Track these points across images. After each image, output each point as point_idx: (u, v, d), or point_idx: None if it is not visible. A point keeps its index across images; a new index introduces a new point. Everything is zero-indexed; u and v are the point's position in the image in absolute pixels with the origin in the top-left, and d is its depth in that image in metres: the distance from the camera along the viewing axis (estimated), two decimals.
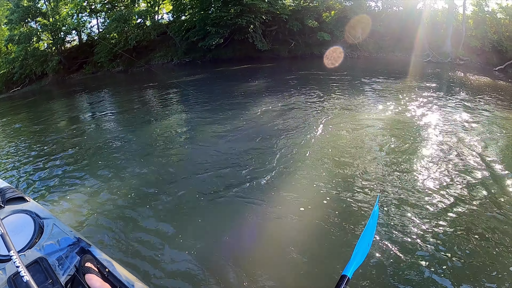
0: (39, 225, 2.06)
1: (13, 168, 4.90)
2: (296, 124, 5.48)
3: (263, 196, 3.19)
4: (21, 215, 2.16)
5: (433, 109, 6.19)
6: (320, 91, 8.17)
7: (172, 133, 5.79)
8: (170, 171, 3.99)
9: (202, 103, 8.05)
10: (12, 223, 2.08)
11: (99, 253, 1.84)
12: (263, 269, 2.26)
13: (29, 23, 18.86)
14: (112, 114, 8.71)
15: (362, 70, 12.65)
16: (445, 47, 15.08)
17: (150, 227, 2.86)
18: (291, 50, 15.56)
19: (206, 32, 16.06)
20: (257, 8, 15.57)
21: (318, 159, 4.00)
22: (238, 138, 4.93)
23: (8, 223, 2.08)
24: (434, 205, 2.89)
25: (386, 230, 2.57)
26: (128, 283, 1.62)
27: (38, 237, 1.96)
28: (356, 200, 3.04)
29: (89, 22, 19.30)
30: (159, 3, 17.82)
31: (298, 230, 2.65)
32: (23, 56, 18.56)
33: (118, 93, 12.60)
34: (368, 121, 5.48)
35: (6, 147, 6.32)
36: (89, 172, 4.24)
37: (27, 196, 2.43)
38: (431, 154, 4.06)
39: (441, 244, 2.42)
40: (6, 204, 2.29)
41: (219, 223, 2.81)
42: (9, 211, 2.20)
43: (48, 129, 7.48)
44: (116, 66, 17.82)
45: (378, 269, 2.19)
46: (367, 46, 15.48)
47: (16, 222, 2.09)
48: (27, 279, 1.06)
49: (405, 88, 8.44)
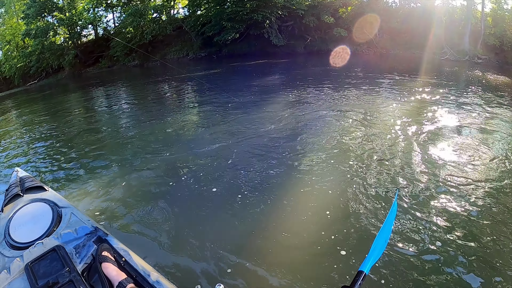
0: (57, 213, 2.08)
1: (32, 158, 5.00)
2: (313, 120, 5.46)
3: (280, 192, 3.18)
4: (40, 204, 2.19)
5: (451, 108, 6.07)
6: (336, 87, 8.14)
7: (188, 127, 5.79)
8: (186, 165, 3.99)
9: (217, 97, 8.06)
10: (31, 212, 2.12)
11: (116, 242, 1.84)
12: (280, 264, 2.26)
13: (46, 17, 19.10)
14: (128, 107, 8.81)
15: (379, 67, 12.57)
16: (463, 45, 14.92)
17: (167, 219, 2.87)
18: (307, 45, 15.56)
19: (222, 27, 16.12)
20: (273, 3, 15.56)
21: (334, 154, 3.99)
22: (254, 134, 4.89)
23: (27, 211, 2.13)
24: (453, 204, 2.83)
25: (403, 227, 2.54)
26: (144, 273, 1.62)
27: (56, 226, 1.99)
28: (374, 195, 3.01)
29: (105, 17, 19.56)
30: None
31: (313, 226, 2.62)
32: (39, 50, 18.83)
33: (133, 87, 12.72)
34: (386, 118, 5.45)
35: (25, 138, 6.45)
36: (106, 164, 4.30)
37: (45, 186, 2.47)
38: (450, 152, 3.99)
39: (461, 245, 2.35)
40: (25, 193, 2.33)
41: (236, 220, 2.79)
42: (28, 200, 2.24)
43: (64, 121, 7.60)
44: (132, 60, 18.00)
45: (395, 265, 2.17)
46: (384, 43, 15.40)
47: (34, 210, 2.13)
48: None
49: (422, 86, 8.30)
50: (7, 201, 2.28)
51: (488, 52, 14.49)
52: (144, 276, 1.60)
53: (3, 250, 1.86)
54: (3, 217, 2.12)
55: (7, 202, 2.26)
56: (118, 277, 1.54)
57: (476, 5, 15.87)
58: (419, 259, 2.22)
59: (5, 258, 1.80)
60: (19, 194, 2.33)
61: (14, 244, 1.88)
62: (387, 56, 15.05)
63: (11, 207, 2.21)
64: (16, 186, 2.43)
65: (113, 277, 1.55)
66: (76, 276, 1.57)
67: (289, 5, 15.82)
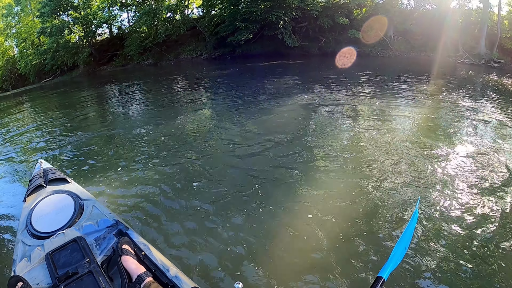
0: (79, 205, 2.10)
1: (53, 152, 5.17)
2: (328, 123, 5.41)
3: (294, 195, 3.17)
4: (62, 195, 2.21)
5: (469, 114, 5.97)
6: (350, 90, 8.11)
7: (203, 126, 5.84)
8: (202, 163, 4.06)
9: (230, 98, 8.10)
10: (53, 202, 2.15)
11: (137, 236, 1.85)
12: (298, 267, 2.26)
13: (61, 16, 19.36)
14: (142, 105, 8.98)
15: (393, 69, 12.52)
16: (479, 48, 14.78)
17: (187, 215, 2.93)
18: (321, 47, 15.55)
19: (236, 27, 16.18)
20: (287, 4, 15.56)
21: (352, 159, 3.92)
22: (267, 135, 4.86)
23: (49, 202, 2.16)
24: (476, 214, 2.77)
25: (424, 235, 2.52)
26: (163, 267, 1.62)
27: (78, 217, 2.01)
28: (394, 202, 2.98)
29: (119, 16, 19.73)
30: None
31: (333, 231, 2.61)
32: (54, 48, 19.10)
33: (147, 85, 12.87)
34: (401, 123, 5.36)
35: (44, 132, 6.70)
36: (127, 160, 4.39)
37: (68, 178, 2.50)
38: (471, 160, 3.82)
39: (480, 258, 2.30)
40: (48, 184, 2.37)
41: (254, 221, 2.81)
42: (50, 191, 2.28)
43: (81, 118, 7.78)
44: (146, 59, 18.18)
45: (413, 273, 2.17)
46: (398, 45, 15.33)
47: (57, 201, 2.16)
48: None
49: (438, 90, 8.21)
50: (30, 191, 2.32)
51: (504, 56, 14.34)
52: (163, 271, 1.60)
53: (24, 238, 1.89)
54: (25, 207, 2.17)
55: (30, 193, 2.31)
56: (137, 270, 1.55)
57: (492, 8, 15.68)
58: (439, 269, 2.21)
59: (26, 247, 1.82)
60: (42, 185, 2.36)
61: (36, 233, 1.91)
62: (401, 58, 14.97)
63: (34, 197, 2.25)
64: (40, 177, 2.48)
65: (132, 270, 1.56)
66: (95, 267, 1.58)
67: (303, 6, 15.81)
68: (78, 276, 1.54)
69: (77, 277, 1.53)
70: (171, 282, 1.54)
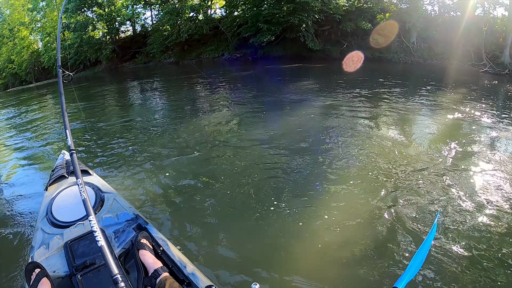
0: (100, 198, 2.11)
1: (78, 144, 5.26)
2: (346, 131, 5.34)
3: (311, 202, 3.19)
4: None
5: (492, 127, 5.87)
6: (370, 97, 8.09)
7: (222, 127, 5.94)
8: (222, 163, 4.13)
9: (250, 100, 8.14)
10: (74, 193, 2.16)
11: (156, 231, 1.85)
12: (313, 274, 2.27)
13: (85, 12, 19.81)
14: (163, 103, 9.21)
15: (415, 77, 12.51)
16: (503, 58, 14.66)
17: (205, 214, 2.98)
18: (343, 51, 15.60)
19: (258, 29, 16.31)
20: (310, 7, 15.60)
21: (370, 169, 3.88)
22: (286, 139, 4.93)
23: (70, 192, 2.19)
24: (496, 233, 2.69)
25: (441, 248, 2.51)
26: (180, 264, 1.62)
27: (98, 209, 2.02)
28: (413, 215, 2.96)
29: (143, 14, 20.08)
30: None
31: (348, 240, 2.62)
32: (78, 43, 19.58)
33: (169, 83, 13.08)
34: (421, 134, 5.28)
35: (72, 125, 6.81)
36: (148, 156, 4.48)
37: (91, 170, 2.52)
38: (494, 174, 3.79)
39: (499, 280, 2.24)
40: (70, 175, 2.39)
41: (271, 225, 2.82)
42: (72, 182, 2.30)
43: (104, 112, 8.03)
44: (168, 57, 18.51)
45: (427, 285, 2.17)
46: (421, 52, 15.31)
47: (77, 192, 2.12)
48: (101, 244, 1.15)
49: (461, 99, 8.11)
50: (52, 181, 2.37)
51: None
52: (180, 267, 1.60)
53: (44, 226, 1.92)
54: (46, 196, 2.21)
55: (52, 182, 2.36)
56: (154, 265, 1.57)
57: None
58: (455, 283, 2.21)
59: (45, 234, 1.85)
60: (64, 176, 2.40)
61: (55, 222, 1.94)
62: (424, 65, 14.96)
63: (56, 187, 2.30)
64: (62, 168, 2.52)
65: (149, 265, 1.58)
66: (113, 259, 1.69)
67: (326, 9, 15.85)
68: (95, 267, 1.56)
69: (94, 268, 1.56)
70: (187, 278, 1.54)
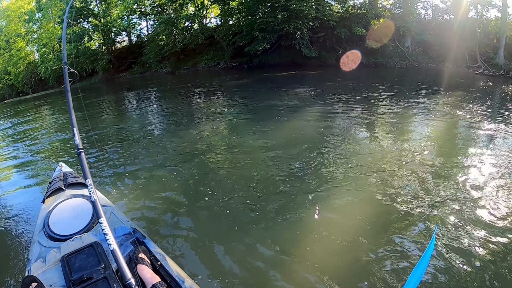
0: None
1: (75, 156, 5.04)
2: (343, 136, 5.31)
3: (310, 209, 3.17)
4: (81, 200, 2.20)
5: (488, 129, 5.76)
6: (366, 102, 8.10)
7: (220, 136, 5.92)
8: (220, 173, 4.11)
9: (247, 108, 8.13)
10: (72, 206, 2.14)
11: (153, 246, 1.85)
12: (314, 284, 2.28)
13: (81, 23, 19.88)
14: (161, 113, 9.14)
15: (411, 81, 12.56)
16: (498, 59, 14.75)
17: (204, 227, 2.96)
18: (338, 57, 15.66)
19: (253, 37, 16.38)
20: (305, 14, 15.69)
21: (368, 176, 3.81)
22: (284, 147, 4.93)
23: (68, 205, 2.16)
24: (498, 245, 2.61)
25: (439, 264, 2.47)
26: (178, 279, 1.60)
27: (95, 223, 1.99)
28: (410, 228, 2.89)
29: (138, 24, 20.17)
30: (207, 7, 18.29)
31: (343, 254, 2.58)
32: (74, 54, 19.59)
33: (165, 93, 13.11)
34: (419, 139, 5.15)
35: (66, 136, 6.88)
36: (145, 169, 4.44)
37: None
38: (493, 184, 3.63)
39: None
40: (68, 188, 2.38)
41: (270, 236, 2.80)
42: (69, 195, 2.28)
43: (99, 123, 7.94)
44: (164, 67, 18.56)
45: None
46: (416, 56, 15.39)
47: (75, 205, 2.15)
48: (113, 247, 1.11)
49: (456, 102, 8.11)
50: (50, 193, 2.35)
51: None
52: (178, 282, 1.59)
53: (41, 239, 1.89)
54: (43, 208, 2.19)
55: (49, 195, 2.34)
56: (152, 280, 1.56)
57: (511, 17, 15.60)
58: None
59: (42, 248, 1.83)
60: (62, 188, 2.38)
61: (53, 235, 1.91)
62: (419, 69, 15.03)
63: (53, 199, 2.27)
64: (59, 180, 2.50)
65: (147, 280, 1.57)
66: (111, 274, 1.57)
67: (320, 16, 15.94)
68: (92, 281, 1.54)
69: (92, 282, 1.53)
70: None
